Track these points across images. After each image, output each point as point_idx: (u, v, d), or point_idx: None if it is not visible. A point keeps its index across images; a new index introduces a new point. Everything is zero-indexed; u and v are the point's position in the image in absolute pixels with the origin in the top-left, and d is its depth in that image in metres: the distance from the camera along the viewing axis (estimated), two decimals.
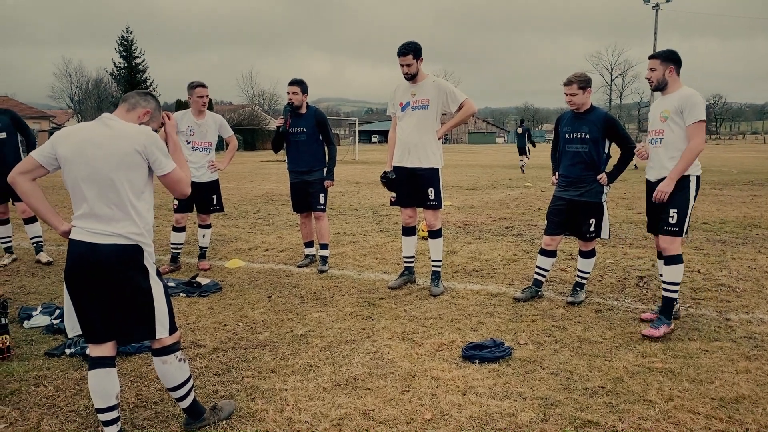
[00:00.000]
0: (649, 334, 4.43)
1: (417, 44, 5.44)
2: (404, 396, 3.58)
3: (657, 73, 4.59)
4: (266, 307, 5.27)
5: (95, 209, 2.87)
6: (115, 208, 2.88)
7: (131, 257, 2.91)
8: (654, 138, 4.67)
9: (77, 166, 2.87)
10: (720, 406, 3.39)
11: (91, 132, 2.93)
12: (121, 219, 2.88)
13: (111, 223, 2.87)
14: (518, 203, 12.74)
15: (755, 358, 4.05)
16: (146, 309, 2.96)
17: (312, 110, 6.53)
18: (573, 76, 5.04)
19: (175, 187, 3.08)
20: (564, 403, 3.46)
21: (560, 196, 5.25)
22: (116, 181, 2.86)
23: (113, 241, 2.86)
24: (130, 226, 2.90)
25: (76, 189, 2.90)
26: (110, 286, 2.88)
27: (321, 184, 6.53)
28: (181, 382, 3.13)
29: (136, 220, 2.92)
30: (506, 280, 6.11)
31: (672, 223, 4.53)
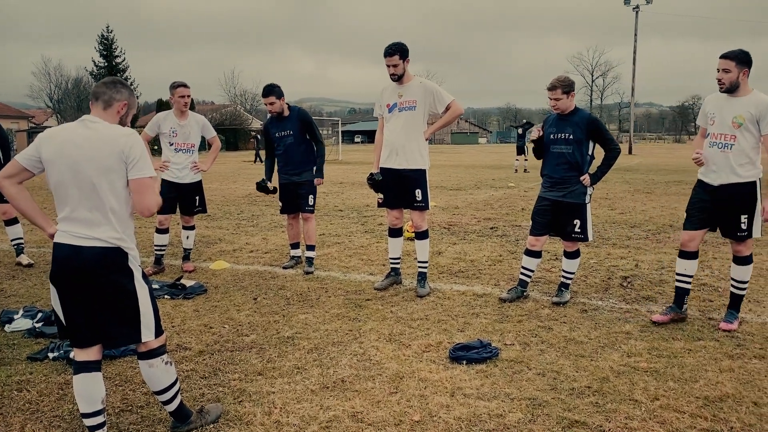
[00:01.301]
0: (728, 328, 4.57)
1: (404, 45, 5.44)
2: (392, 398, 3.57)
3: (731, 75, 4.39)
4: (252, 309, 5.24)
5: (76, 212, 2.84)
6: (96, 211, 2.84)
7: (114, 260, 2.87)
8: (723, 142, 4.50)
9: (59, 168, 2.84)
10: (705, 405, 3.43)
11: (73, 133, 2.88)
12: (101, 223, 2.85)
13: (92, 227, 2.83)
14: (502, 204, 12.81)
15: (738, 357, 4.10)
16: (131, 312, 2.92)
17: (295, 111, 6.52)
18: (557, 81, 5.06)
19: (143, 195, 2.89)
20: (551, 404, 3.48)
21: (545, 197, 5.29)
22: (97, 185, 2.82)
23: (95, 244, 2.82)
24: (110, 231, 2.86)
25: (59, 191, 2.87)
26: (94, 289, 2.85)
27: (310, 186, 6.52)
28: (168, 386, 3.10)
29: (116, 225, 2.87)
30: (492, 281, 6.13)
31: (744, 229, 4.56)
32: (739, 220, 4.54)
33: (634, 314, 5.02)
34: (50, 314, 4.88)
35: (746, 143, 4.45)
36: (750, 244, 4.68)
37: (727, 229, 4.63)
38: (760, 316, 4.93)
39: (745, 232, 4.56)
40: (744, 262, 4.69)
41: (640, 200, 13.31)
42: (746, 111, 4.40)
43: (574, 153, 5.08)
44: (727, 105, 4.51)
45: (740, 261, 4.70)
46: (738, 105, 4.45)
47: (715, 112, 4.59)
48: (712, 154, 4.60)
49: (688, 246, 4.75)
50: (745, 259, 4.68)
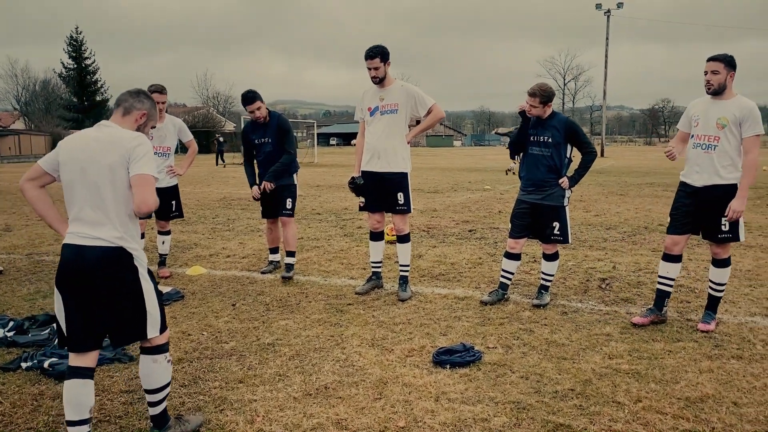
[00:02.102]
0: (705, 329, 4.63)
1: (385, 48, 5.42)
2: (377, 404, 3.54)
3: (720, 77, 4.47)
4: (231, 316, 5.16)
5: (82, 212, 2.90)
6: (99, 211, 2.89)
7: (117, 259, 2.90)
8: (706, 143, 4.56)
9: (69, 169, 2.93)
10: (686, 406, 3.47)
11: (85, 136, 2.98)
12: (104, 223, 2.89)
13: (95, 227, 2.88)
14: (479, 206, 12.86)
15: (716, 358, 4.16)
16: (137, 310, 2.96)
17: (275, 118, 6.39)
18: (538, 89, 5.09)
19: (143, 189, 2.87)
20: (535, 407, 3.48)
21: (523, 200, 5.32)
22: (100, 184, 2.88)
23: (98, 244, 2.86)
24: (112, 230, 2.89)
25: (68, 191, 2.94)
26: (97, 289, 2.87)
27: (289, 189, 6.40)
28: (163, 385, 3.12)
29: (117, 225, 2.91)
30: (473, 284, 6.14)
31: (726, 231, 4.61)
32: (720, 222, 4.60)
33: (614, 316, 5.06)
34: (22, 323, 4.75)
35: (729, 145, 4.51)
36: (728, 247, 4.75)
37: (708, 231, 4.69)
38: (737, 317, 5.01)
39: (727, 234, 4.62)
40: (722, 265, 4.76)
41: (615, 202, 13.49)
42: (730, 113, 4.48)
43: (553, 156, 5.12)
44: (712, 107, 4.59)
45: (718, 264, 4.76)
46: (722, 107, 4.53)
47: (699, 115, 4.65)
48: (695, 155, 4.66)
49: (672, 250, 4.80)
50: (723, 262, 4.75)
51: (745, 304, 5.34)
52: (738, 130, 4.49)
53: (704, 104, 4.65)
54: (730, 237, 4.63)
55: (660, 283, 4.87)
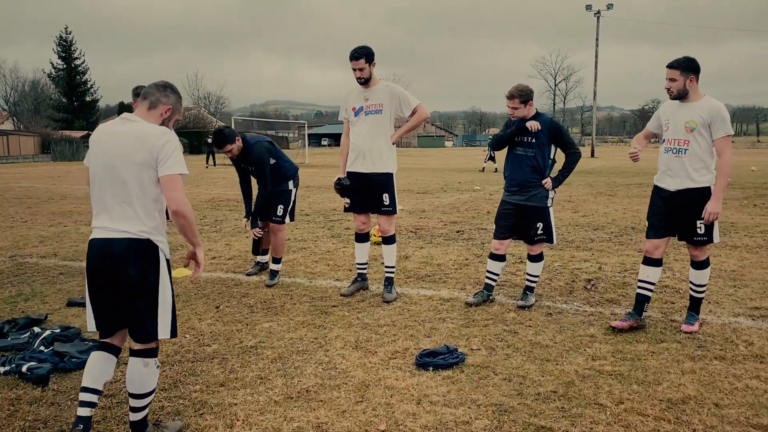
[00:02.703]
0: (688, 330, 4.62)
1: (369, 49, 5.40)
2: (358, 407, 3.52)
3: (678, 83, 4.46)
4: (214, 318, 5.12)
5: (108, 206, 2.94)
6: (126, 205, 2.92)
7: (143, 252, 2.94)
8: (677, 147, 4.55)
9: (95, 163, 2.98)
10: (668, 408, 3.46)
11: (110, 131, 3.00)
12: (131, 217, 2.92)
13: (122, 221, 2.92)
14: (468, 207, 12.86)
15: (699, 359, 4.16)
16: (151, 306, 2.98)
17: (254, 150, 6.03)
18: (516, 90, 5.09)
19: (173, 191, 2.90)
20: (517, 409, 3.46)
21: (507, 201, 5.31)
22: (127, 180, 2.90)
23: (124, 236, 2.90)
24: (139, 225, 2.93)
25: (94, 185, 2.99)
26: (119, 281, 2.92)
27: (282, 195, 6.21)
28: (150, 391, 3.10)
29: (144, 219, 2.94)
30: (458, 285, 6.12)
31: (701, 234, 4.60)
32: (695, 225, 4.60)
33: (598, 317, 5.06)
34: (1, 326, 4.70)
35: (699, 148, 4.51)
36: (706, 249, 4.75)
37: (684, 233, 4.69)
38: (720, 317, 5.01)
39: (703, 237, 4.62)
40: (701, 267, 4.76)
41: (603, 203, 13.52)
42: (698, 116, 4.48)
43: (536, 156, 5.12)
44: (680, 111, 4.59)
45: (697, 265, 4.76)
46: (690, 110, 4.53)
47: (669, 119, 4.66)
48: (667, 159, 4.66)
49: (653, 253, 4.79)
50: (701, 264, 4.75)
51: (729, 305, 5.35)
52: (707, 132, 4.48)
53: (673, 107, 4.66)
54: (705, 239, 4.63)
55: (640, 287, 4.85)
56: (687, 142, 4.53)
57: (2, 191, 18.05)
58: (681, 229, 4.69)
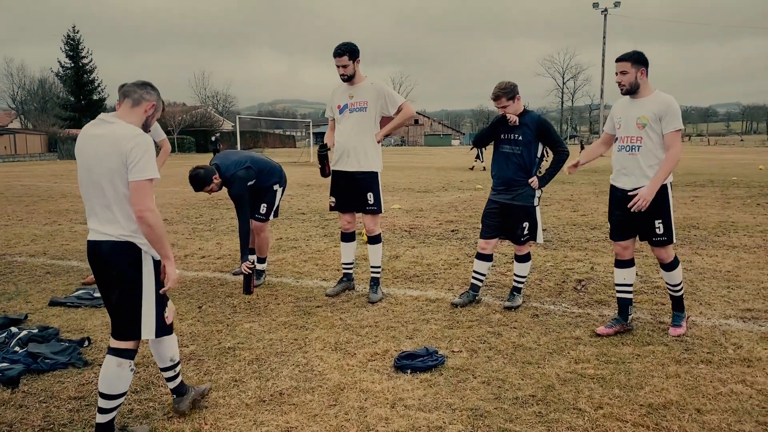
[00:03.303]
0: (676, 334, 4.52)
1: (353, 45, 5.31)
2: (330, 411, 3.44)
3: (629, 76, 4.37)
4: (195, 318, 5.05)
5: (94, 209, 3.00)
6: (107, 209, 2.95)
7: (126, 254, 2.97)
8: (629, 145, 4.45)
9: (79, 167, 3.02)
10: (648, 413, 3.36)
11: (86, 134, 3.01)
12: (112, 220, 2.95)
13: (105, 224, 2.96)
14: (466, 206, 12.75)
15: (685, 362, 4.05)
16: (134, 307, 3.01)
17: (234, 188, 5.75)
18: (499, 90, 5.00)
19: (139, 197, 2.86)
20: (493, 414, 3.38)
21: (493, 200, 5.21)
22: (104, 184, 2.92)
23: (108, 239, 2.95)
24: (119, 228, 2.95)
25: (81, 188, 3.04)
26: (109, 281, 3.02)
27: (267, 194, 6.08)
28: (120, 393, 3.08)
29: (123, 222, 2.95)
30: (446, 285, 6.03)
31: (660, 234, 4.48)
32: (654, 226, 4.47)
33: (586, 319, 4.95)
34: None
35: (653, 144, 4.39)
36: (670, 249, 4.59)
37: (643, 234, 4.57)
38: (711, 319, 4.90)
39: (663, 237, 4.49)
40: (670, 268, 4.62)
41: (603, 201, 13.32)
42: (649, 111, 4.37)
43: (523, 154, 5.02)
44: (631, 107, 4.48)
45: (666, 267, 4.64)
46: (641, 106, 4.42)
47: (621, 116, 4.55)
48: (620, 158, 4.54)
49: (623, 255, 4.67)
50: (669, 265, 4.61)
51: (720, 306, 5.23)
52: (659, 127, 4.37)
53: (624, 105, 4.56)
54: (665, 240, 4.50)
55: (619, 291, 4.72)
56: (639, 138, 4.42)
57: (4, 189, 18.09)
58: (640, 229, 4.57)
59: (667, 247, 4.56)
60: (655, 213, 4.44)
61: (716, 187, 16.61)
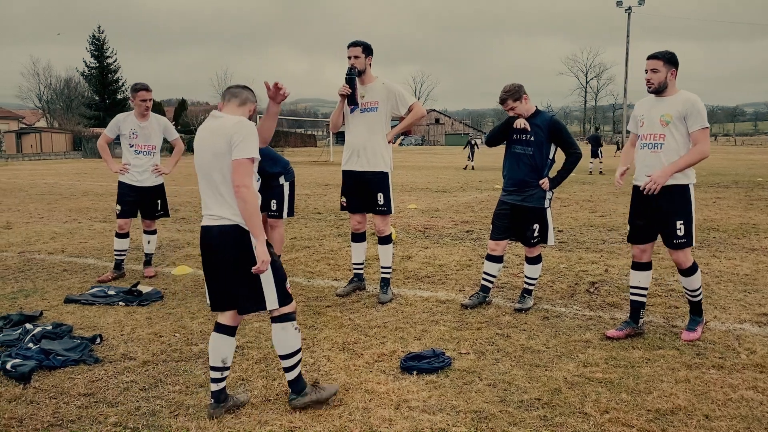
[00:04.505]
0: (689, 339, 4.44)
1: (368, 43, 5.35)
2: (334, 411, 3.45)
3: (659, 75, 4.33)
4: (206, 317, 5.10)
5: (206, 195, 3.33)
6: (217, 193, 3.27)
7: (235, 236, 3.26)
8: (653, 143, 4.41)
9: (195, 159, 3.37)
10: (655, 419, 3.32)
11: (202, 128, 3.37)
12: (221, 204, 3.27)
13: (216, 207, 3.29)
14: (483, 206, 12.69)
15: (696, 367, 3.98)
16: (254, 282, 3.28)
17: None
18: (504, 93, 5.00)
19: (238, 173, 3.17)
20: (498, 417, 3.36)
21: (504, 201, 5.19)
22: (213, 170, 3.25)
23: (219, 223, 3.27)
24: (227, 211, 3.25)
25: (198, 177, 3.37)
26: (222, 262, 3.29)
27: (273, 190, 6.16)
28: (295, 350, 3.42)
29: (232, 204, 3.24)
30: (457, 286, 6.01)
31: (681, 236, 4.41)
32: (675, 227, 4.40)
33: (597, 321, 4.90)
34: None
35: (675, 143, 4.33)
36: (688, 253, 4.50)
37: (665, 237, 4.49)
38: (725, 324, 4.82)
39: (683, 239, 4.41)
40: (689, 273, 4.54)
41: (623, 203, 13.20)
42: (674, 109, 4.32)
43: (535, 155, 4.98)
44: (655, 105, 4.43)
45: (685, 272, 4.55)
46: (665, 104, 4.37)
47: (644, 114, 4.50)
48: (643, 156, 4.49)
49: (640, 258, 4.61)
50: (688, 271, 4.53)
51: (735, 310, 5.14)
52: (684, 126, 4.31)
53: (648, 103, 4.50)
54: (684, 242, 4.42)
55: (632, 293, 4.66)
56: (662, 136, 4.37)
57: (27, 187, 18.43)
58: (661, 231, 4.50)
59: (686, 251, 4.48)
60: (677, 214, 4.39)
61: (740, 188, 16.33)
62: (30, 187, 18.35)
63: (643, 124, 4.48)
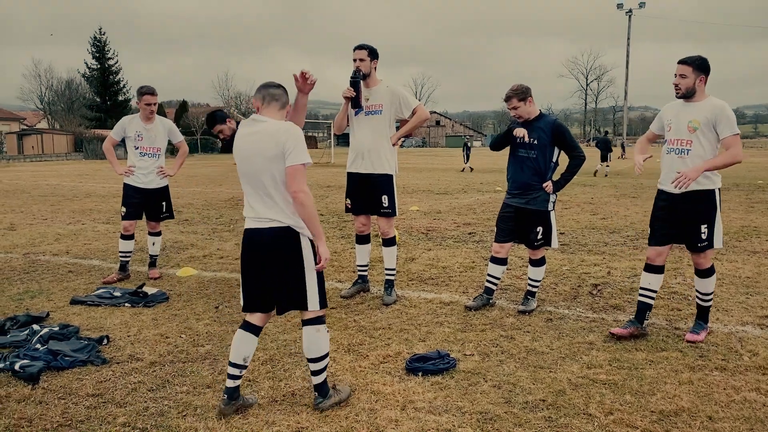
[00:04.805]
0: (693, 340, 4.47)
1: (375, 48, 5.41)
2: (341, 412, 3.48)
3: (687, 81, 4.33)
4: (212, 318, 5.13)
5: (254, 198, 3.37)
6: (267, 197, 3.33)
7: (287, 238, 3.34)
8: (679, 148, 4.41)
9: (238, 161, 3.42)
10: (659, 420, 3.35)
11: (244, 133, 3.40)
12: (272, 207, 3.33)
13: (266, 210, 3.34)
14: (485, 208, 12.72)
15: (699, 369, 4.02)
16: (300, 283, 3.37)
17: None
18: (510, 91, 5.03)
19: (293, 179, 3.26)
20: (503, 418, 3.39)
21: (508, 204, 5.23)
22: (263, 174, 3.30)
23: (271, 225, 3.33)
24: (280, 214, 3.32)
25: (242, 181, 3.43)
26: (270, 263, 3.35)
27: None
28: (324, 354, 3.49)
29: (284, 208, 3.33)
30: (461, 288, 6.04)
31: (703, 239, 4.45)
32: (699, 231, 4.44)
33: (600, 323, 4.93)
34: (3, 323, 4.77)
35: (702, 149, 4.35)
36: (710, 255, 4.58)
37: (688, 240, 4.53)
38: (727, 326, 4.85)
39: (705, 242, 4.46)
40: (706, 275, 4.59)
41: (624, 205, 13.26)
42: (702, 116, 4.33)
43: (538, 158, 5.02)
44: (683, 111, 4.45)
45: (702, 274, 4.60)
46: (694, 110, 4.38)
47: (672, 119, 4.51)
48: (669, 160, 4.51)
49: (654, 260, 4.64)
50: (706, 272, 4.59)
51: (738, 313, 5.17)
52: (712, 133, 4.33)
53: (676, 107, 4.52)
54: (706, 245, 4.47)
55: (641, 294, 4.70)
56: (690, 142, 4.38)
57: (30, 188, 18.47)
58: (684, 235, 4.53)
59: (707, 253, 4.53)
60: (702, 218, 4.43)
61: (741, 191, 16.36)
62: (32, 189, 18.39)
63: (671, 129, 4.50)
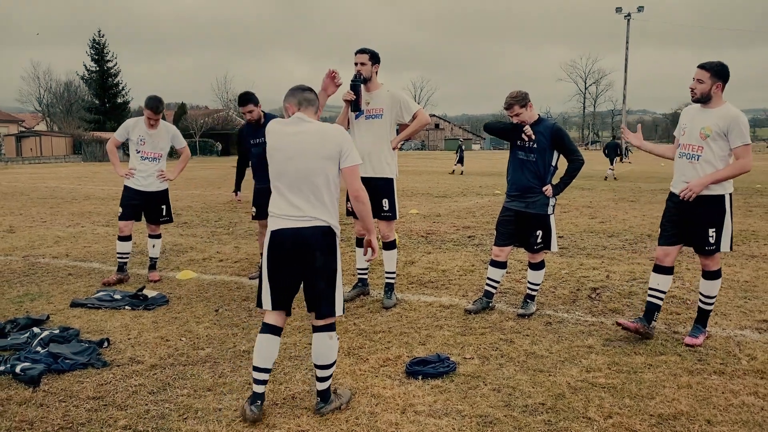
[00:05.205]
0: (691, 343, 4.49)
1: (376, 52, 5.44)
2: (341, 415, 3.49)
3: (704, 86, 4.33)
4: (212, 321, 5.14)
5: (295, 196, 3.36)
6: (314, 196, 3.34)
7: (327, 238, 3.38)
8: (690, 153, 4.45)
9: (277, 158, 3.41)
10: (657, 423, 3.36)
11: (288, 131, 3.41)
12: (316, 206, 3.35)
13: (307, 210, 3.34)
14: (484, 211, 12.75)
15: (697, 373, 4.03)
16: (332, 286, 3.42)
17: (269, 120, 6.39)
18: (510, 99, 5.06)
19: (354, 179, 3.42)
20: (503, 421, 3.40)
21: (508, 207, 5.25)
22: (314, 173, 3.33)
23: (314, 224, 3.34)
24: (324, 213, 3.37)
25: (280, 178, 3.41)
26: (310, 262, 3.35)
27: None
28: (333, 361, 3.49)
29: (329, 207, 3.39)
30: (460, 291, 6.06)
31: (711, 243, 4.47)
32: (707, 234, 4.46)
33: (599, 327, 4.95)
34: (3, 326, 4.77)
35: (713, 155, 4.38)
36: (717, 258, 4.61)
37: (696, 243, 4.55)
38: (725, 330, 4.87)
39: (713, 246, 4.48)
40: (712, 277, 4.61)
41: (623, 209, 13.29)
42: (714, 123, 4.35)
43: (537, 161, 5.05)
44: (698, 116, 4.47)
45: (708, 276, 4.62)
46: (708, 116, 4.39)
47: (687, 123, 4.54)
48: (680, 164, 4.55)
49: (663, 261, 4.66)
50: (713, 274, 4.61)
51: (736, 317, 5.19)
52: (724, 141, 4.35)
53: (693, 112, 4.54)
54: (714, 249, 4.50)
55: (650, 295, 4.72)
56: (701, 148, 4.41)
57: (29, 191, 18.47)
58: (692, 238, 4.55)
59: (715, 256, 4.57)
60: (710, 222, 4.45)
61: (739, 194, 16.39)
62: (31, 191, 18.38)
63: (684, 133, 4.53)
